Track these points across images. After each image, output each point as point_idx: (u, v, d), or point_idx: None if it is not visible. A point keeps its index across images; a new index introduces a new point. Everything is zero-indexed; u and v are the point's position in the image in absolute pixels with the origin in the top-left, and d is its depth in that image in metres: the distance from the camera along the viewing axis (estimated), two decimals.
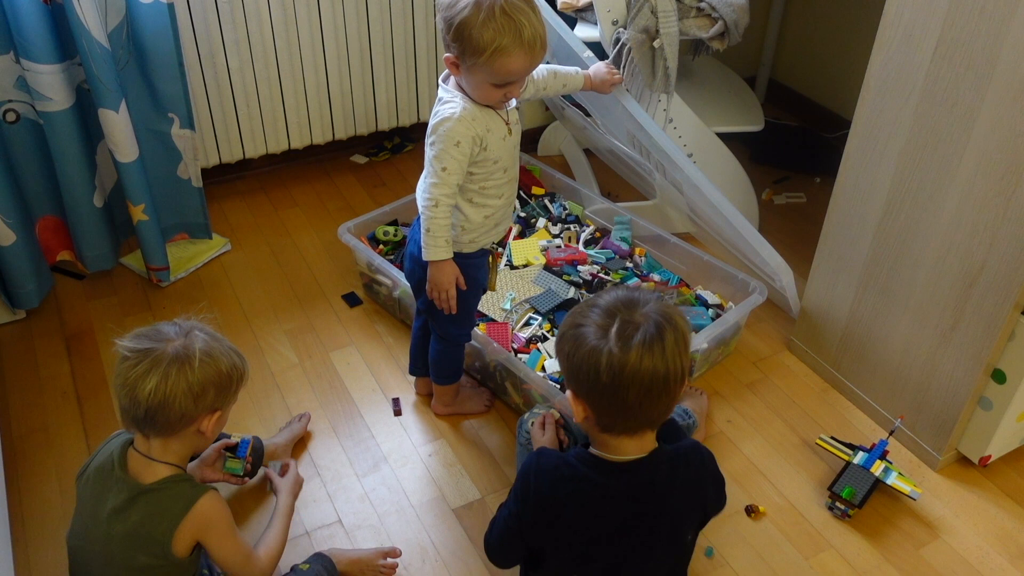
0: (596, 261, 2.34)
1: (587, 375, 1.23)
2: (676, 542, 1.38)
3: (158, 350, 1.33)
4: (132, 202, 2.22)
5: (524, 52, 1.48)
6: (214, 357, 1.35)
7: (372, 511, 1.79)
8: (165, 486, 1.37)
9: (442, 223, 1.61)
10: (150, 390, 1.30)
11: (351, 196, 2.77)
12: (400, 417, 2.01)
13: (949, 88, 1.60)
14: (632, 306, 1.25)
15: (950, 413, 1.82)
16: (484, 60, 1.47)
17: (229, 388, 1.39)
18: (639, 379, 1.20)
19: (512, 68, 1.49)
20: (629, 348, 1.20)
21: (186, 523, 1.36)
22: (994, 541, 1.75)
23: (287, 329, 2.25)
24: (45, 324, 2.25)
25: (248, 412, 1.99)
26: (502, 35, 1.44)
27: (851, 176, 1.87)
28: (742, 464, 1.91)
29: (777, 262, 2.07)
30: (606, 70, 1.99)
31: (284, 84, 2.60)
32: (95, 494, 1.40)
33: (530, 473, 1.35)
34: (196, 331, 1.38)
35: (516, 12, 1.45)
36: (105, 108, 2.05)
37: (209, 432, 1.39)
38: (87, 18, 1.92)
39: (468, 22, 1.44)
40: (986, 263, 1.63)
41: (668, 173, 2.29)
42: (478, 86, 1.54)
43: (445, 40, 1.51)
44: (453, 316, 1.77)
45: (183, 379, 1.31)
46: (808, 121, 3.10)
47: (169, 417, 1.33)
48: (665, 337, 1.21)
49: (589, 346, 1.23)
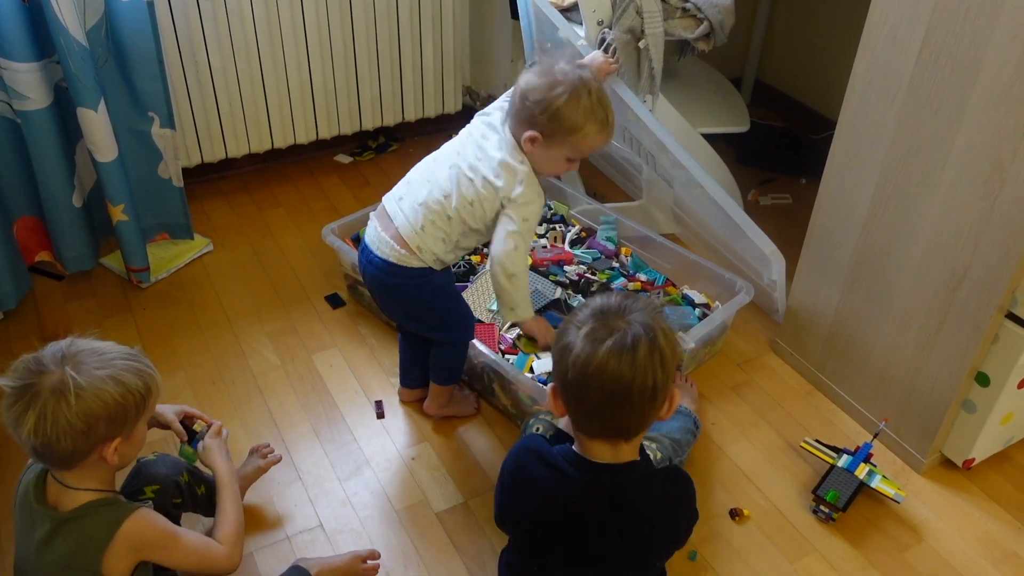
0: (582, 261, 2.33)
1: (559, 368, 1.26)
2: (643, 564, 1.37)
3: (35, 386, 1.22)
4: (112, 202, 2.19)
5: (607, 134, 1.67)
6: (96, 389, 1.23)
7: (354, 515, 1.77)
8: (87, 512, 1.30)
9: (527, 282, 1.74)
10: (29, 430, 1.21)
11: (335, 196, 2.75)
12: (383, 420, 1.99)
13: (934, 90, 1.59)
14: (619, 312, 1.25)
15: (934, 416, 1.82)
16: (576, 139, 1.63)
17: (125, 415, 1.27)
18: (601, 381, 1.20)
19: (595, 147, 1.69)
20: (598, 349, 1.20)
21: (114, 547, 1.29)
22: (978, 544, 1.75)
23: (269, 331, 2.23)
24: (23, 325, 2.22)
25: (229, 415, 1.97)
26: (595, 119, 1.62)
27: (836, 178, 1.86)
28: (726, 467, 1.90)
29: (771, 250, 2.06)
30: (602, 58, 1.98)
31: (267, 83, 2.57)
32: (23, 526, 1.35)
33: (516, 447, 1.39)
34: (80, 356, 1.25)
35: (604, 98, 1.64)
36: (84, 107, 2.02)
37: (113, 460, 1.29)
38: (65, 16, 1.89)
39: (567, 106, 1.60)
40: (970, 266, 1.63)
41: (659, 165, 2.27)
42: (554, 160, 1.67)
43: (531, 119, 1.62)
44: (452, 324, 1.83)
45: (62, 416, 1.21)
46: (794, 122, 3.10)
47: (59, 454, 1.24)
48: (639, 347, 1.20)
49: (564, 341, 1.25)
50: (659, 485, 1.36)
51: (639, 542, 1.33)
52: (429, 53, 2.77)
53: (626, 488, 1.31)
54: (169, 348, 2.16)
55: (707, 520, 1.77)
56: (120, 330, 2.21)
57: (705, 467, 1.90)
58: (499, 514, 1.42)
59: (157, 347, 2.16)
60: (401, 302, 1.80)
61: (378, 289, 1.79)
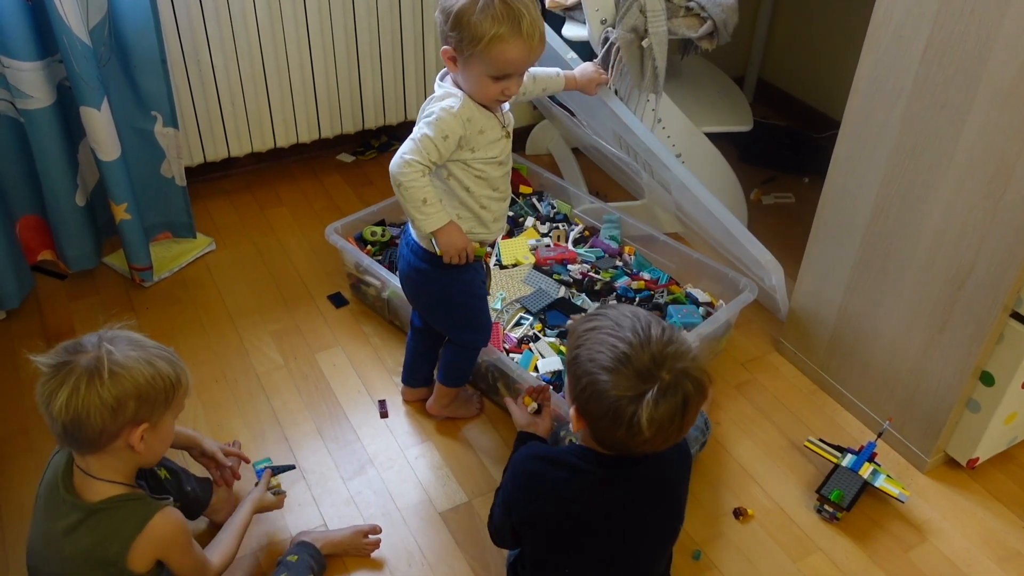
0: (586, 260, 2.33)
1: (598, 415, 1.21)
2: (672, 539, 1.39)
3: (70, 363, 1.25)
4: (114, 201, 2.19)
5: (523, 42, 1.47)
6: (129, 368, 1.26)
7: (358, 514, 1.77)
8: (114, 505, 1.32)
9: (426, 188, 1.56)
10: (60, 405, 1.23)
11: (338, 195, 2.74)
12: (386, 419, 1.99)
13: (938, 90, 1.59)
14: (659, 361, 1.18)
15: (938, 415, 1.81)
16: (482, 48, 1.46)
17: (155, 398, 1.29)
18: (654, 434, 1.19)
19: (510, 57, 1.48)
20: (651, 420, 1.16)
21: (140, 542, 1.31)
22: (982, 544, 1.75)
23: (272, 330, 2.23)
24: (26, 324, 2.22)
25: (232, 414, 1.97)
26: (500, 23, 1.44)
27: (840, 177, 1.86)
28: (730, 466, 1.90)
29: (767, 260, 2.06)
30: (593, 69, 1.97)
31: (270, 81, 2.57)
32: (46, 514, 1.35)
33: (520, 459, 1.37)
34: (117, 340, 1.29)
35: (516, 2, 1.46)
36: (87, 106, 2.02)
37: (140, 447, 1.30)
38: (68, 14, 1.89)
39: (466, 10, 1.44)
40: (975, 265, 1.63)
41: (656, 173, 2.28)
42: (476, 80, 1.52)
43: (443, 32, 1.50)
44: (469, 324, 1.81)
45: (94, 392, 1.23)
46: (797, 121, 3.09)
47: (87, 433, 1.25)
48: (688, 408, 1.19)
49: (611, 397, 1.18)
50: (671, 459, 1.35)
51: (665, 520, 1.34)
52: (432, 52, 2.76)
53: (642, 472, 1.31)
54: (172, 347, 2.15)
55: (711, 519, 1.77)
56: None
57: (709, 466, 1.89)
58: (513, 528, 1.39)
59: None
60: (426, 290, 1.77)
61: (408, 274, 1.76)
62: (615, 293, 2.22)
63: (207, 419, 1.97)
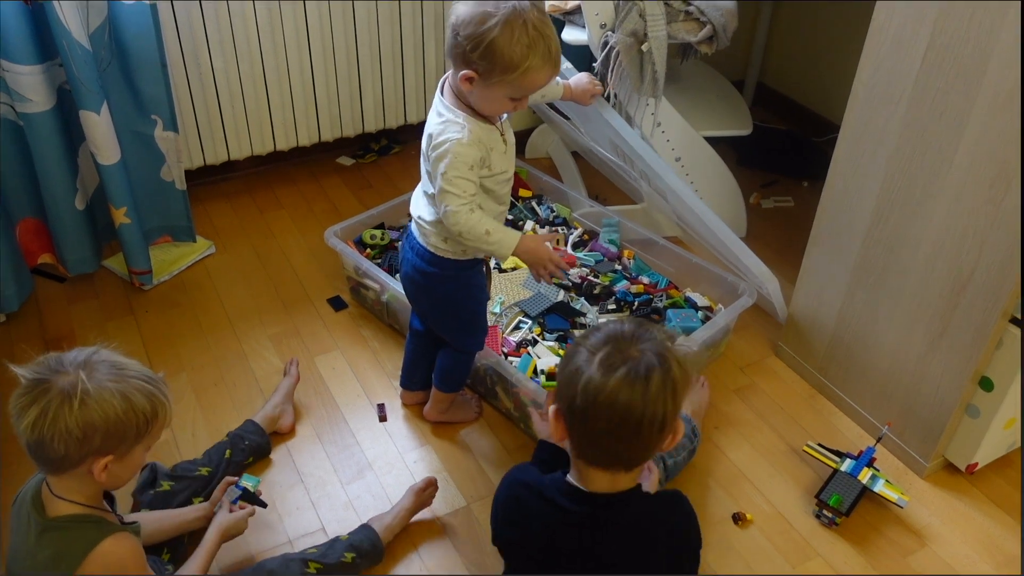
0: (585, 264, 2.33)
1: (565, 392, 1.22)
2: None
3: (47, 383, 1.21)
4: (114, 205, 2.19)
5: (551, 68, 1.51)
6: (101, 400, 1.21)
7: (356, 519, 1.77)
8: (67, 525, 1.28)
9: (482, 221, 1.58)
10: (28, 424, 1.20)
11: (337, 198, 2.74)
12: (385, 423, 1.99)
13: (938, 94, 1.59)
14: (632, 339, 1.21)
15: (938, 420, 1.81)
16: (515, 77, 1.48)
17: (123, 433, 1.24)
18: (611, 411, 1.17)
19: (539, 83, 1.52)
20: (609, 377, 1.17)
21: (87, 565, 1.26)
22: (981, 549, 1.75)
23: (272, 333, 2.22)
24: (26, 328, 2.22)
25: (231, 419, 1.96)
26: (534, 54, 1.46)
27: (840, 181, 1.86)
28: (729, 471, 1.90)
29: (761, 271, 2.07)
30: (587, 81, 1.98)
31: (269, 85, 2.57)
32: (16, 525, 1.34)
33: (509, 481, 1.37)
34: (99, 366, 1.24)
35: (544, 28, 1.48)
36: (86, 110, 2.02)
37: (101, 477, 1.25)
38: (68, 19, 1.89)
39: (500, 41, 1.44)
40: (975, 270, 1.63)
41: (652, 182, 2.28)
42: (494, 100, 1.54)
43: (463, 56, 1.48)
44: (466, 327, 1.81)
45: (62, 419, 1.19)
46: (796, 125, 3.09)
47: (49, 455, 1.22)
48: (652, 377, 1.17)
49: (574, 366, 1.20)
50: (658, 510, 1.33)
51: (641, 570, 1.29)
52: (432, 55, 2.76)
53: (625, 518, 1.28)
54: (171, 351, 2.16)
55: (710, 525, 1.77)
56: (122, 333, 2.20)
57: (708, 471, 1.89)
58: (496, 539, 1.40)
59: (159, 350, 2.16)
60: (430, 294, 1.77)
61: (412, 276, 1.75)
62: (614, 297, 2.22)
63: (205, 423, 1.97)
